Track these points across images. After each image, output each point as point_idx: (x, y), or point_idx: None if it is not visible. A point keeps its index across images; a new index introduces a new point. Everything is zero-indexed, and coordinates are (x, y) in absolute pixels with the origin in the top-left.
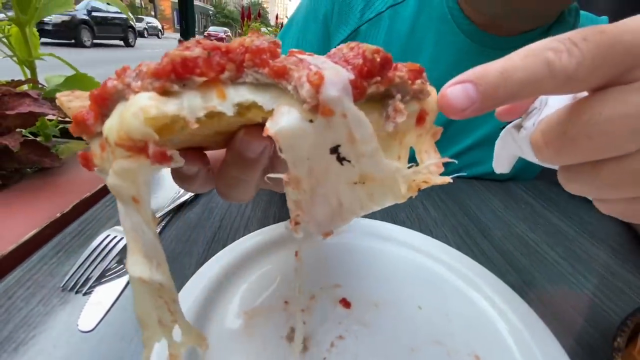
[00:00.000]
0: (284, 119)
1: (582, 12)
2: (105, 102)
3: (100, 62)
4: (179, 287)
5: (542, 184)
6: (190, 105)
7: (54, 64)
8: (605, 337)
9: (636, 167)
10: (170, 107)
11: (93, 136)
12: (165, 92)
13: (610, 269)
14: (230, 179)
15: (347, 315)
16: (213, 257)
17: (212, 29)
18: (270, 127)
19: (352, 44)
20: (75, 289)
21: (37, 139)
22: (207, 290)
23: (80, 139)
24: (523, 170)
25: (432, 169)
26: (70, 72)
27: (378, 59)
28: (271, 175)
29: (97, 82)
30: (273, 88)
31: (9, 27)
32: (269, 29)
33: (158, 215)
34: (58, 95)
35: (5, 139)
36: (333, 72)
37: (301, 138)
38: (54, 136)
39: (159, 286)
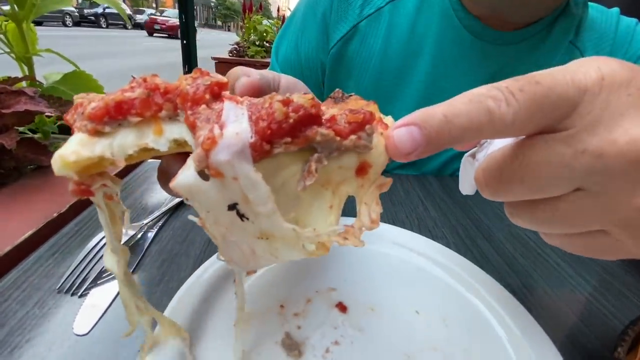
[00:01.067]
0: (183, 173)
1: (590, 3)
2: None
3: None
4: (176, 287)
5: None
6: (122, 143)
7: (54, 58)
8: (604, 343)
9: (564, 208)
10: (97, 148)
11: None
12: (97, 133)
13: (611, 270)
14: None
15: (342, 320)
16: (209, 260)
17: (167, 13)
18: (175, 179)
19: (276, 97)
20: (71, 291)
21: (36, 136)
22: (202, 294)
23: None
24: None
25: (351, 229)
26: (69, 67)
27: (291, 120)
28: (190, 217)
29: (95, 80)
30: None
31: (5, 22)
32: (270, 21)
33: (155, 215)
34: (75, 97)
35: (2, 137)
36: (231, 135)
37: (197, 194)
38: (52, 133)
39: (128, 282)
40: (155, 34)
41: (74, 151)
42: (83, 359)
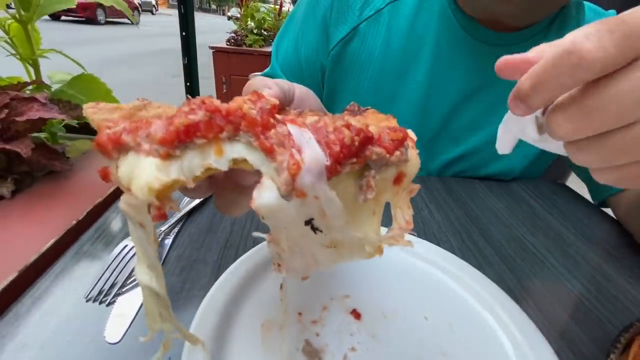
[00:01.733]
0: (265, 195)
1: (587, 4)
2: (119, 147)
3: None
4: (198, 295)
5: (545, 184)
6: (190, 165)
7: (56, 58)
8: (598, 346)
9: (638, 134)
10: (172, 172)
11: (111, 159)
12: (169, 157)
13: (606, 274)
14: (228, 199)
15: (358, 327)
16: (228, 270)
17: None
18: (254, 199)
19: (338, 122)
20: (99, 300)
21: (42, 135)
22: (224, 305)
23: (88, 134)
24: (528, 170)
25: (396, 232)
26: (72, 65)
27: (356, 143)
28: (255, 233)
29: (103, 83)
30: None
31: (9, 22)
32: (268, 6)
33: (171, 221)
34: (85, 107)
35: (17, 145)
36: (311, 159)
37: (278, 212)
38: (60, 135)
39: (157, 294)
40: (62, 17)
41: (155, 177)
42: None
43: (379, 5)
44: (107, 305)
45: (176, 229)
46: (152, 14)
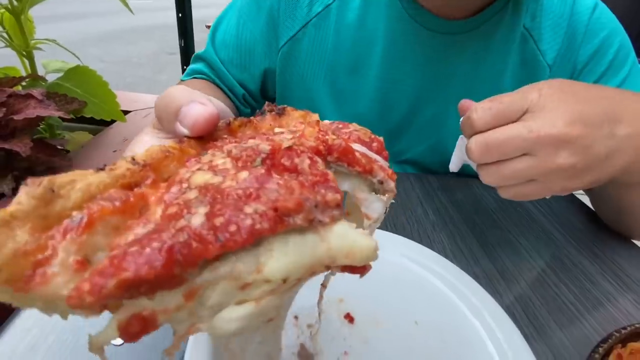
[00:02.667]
0: (376, 205)
1: None
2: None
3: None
4: None
5: None
6: None
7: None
8: (579, 351)
9: (517, 166)
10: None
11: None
12: None
13: (592, 278)
14: None
15: (350, 331)
16: None
17: None
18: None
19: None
20: None
21: (40, 127)
22: None
23: (85, 123)
24: None
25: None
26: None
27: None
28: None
29: (99, 76)
30: (349, 176)
31: (1, 12)
32: None
33: None
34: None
35: (16, 144)
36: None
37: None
38: (58, 127)
39: None
40: None
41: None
42: None
43: (327, 0)
44: None
45: None
46: None
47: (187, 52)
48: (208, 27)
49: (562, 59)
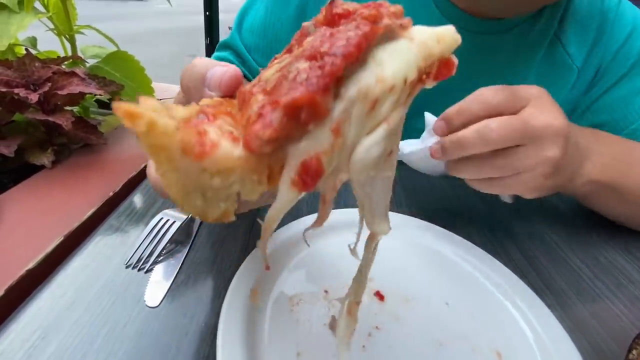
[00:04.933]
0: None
1: None
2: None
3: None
4: (228, 270)
5: None
6: None
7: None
8: (619, 344)
9: (508, 157)
10: None
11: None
12: None
13: (629, 275)
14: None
15: (381, 308)
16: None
17: None
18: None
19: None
20: (138, 267)
21: (74, 109)
22: (254, 279)
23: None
24: None
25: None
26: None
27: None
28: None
29: (137, 61)
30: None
31: None
32: None
33: None
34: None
35: (58, 118)
36: None
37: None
38: (92, 110)
39: None
40: None
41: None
42: (158, 328)
43: None
44: (146, 273)
45: None
46: None
47: (212, 50)
48: (230, 28)
49: (590, 59)
